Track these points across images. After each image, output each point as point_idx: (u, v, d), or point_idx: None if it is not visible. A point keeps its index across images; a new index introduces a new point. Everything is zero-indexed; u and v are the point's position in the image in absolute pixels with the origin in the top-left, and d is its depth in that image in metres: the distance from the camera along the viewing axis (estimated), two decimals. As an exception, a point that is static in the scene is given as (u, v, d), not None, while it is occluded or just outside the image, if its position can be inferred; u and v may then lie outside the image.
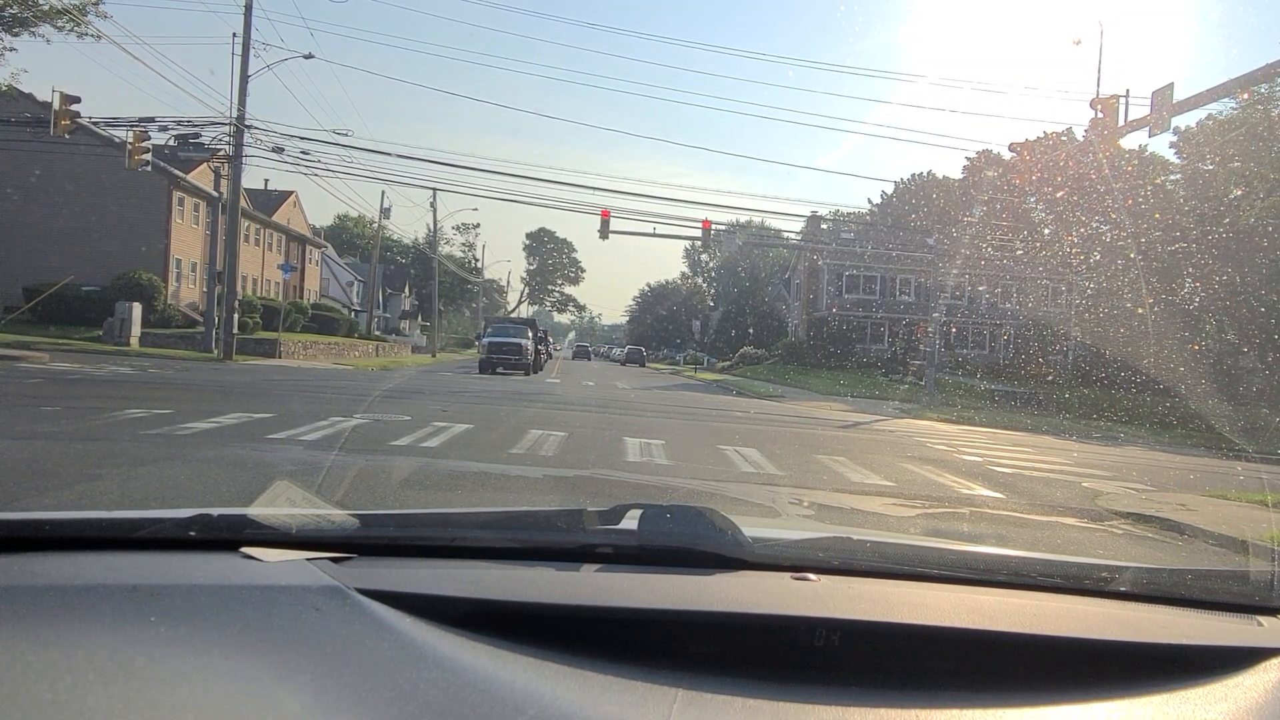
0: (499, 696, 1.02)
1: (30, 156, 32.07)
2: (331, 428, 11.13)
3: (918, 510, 8.47)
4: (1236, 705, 1.20)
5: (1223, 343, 39.53)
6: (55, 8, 28.84)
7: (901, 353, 47.42)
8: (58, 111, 23.12)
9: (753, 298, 71.85)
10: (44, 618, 1.12)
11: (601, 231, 29.50)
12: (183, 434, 9.53)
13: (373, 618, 1.19)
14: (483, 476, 8.16)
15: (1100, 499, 10.55)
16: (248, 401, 13.98)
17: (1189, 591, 1.62)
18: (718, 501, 7.38)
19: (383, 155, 57.73)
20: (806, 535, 1.87)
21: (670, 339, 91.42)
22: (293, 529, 1.50)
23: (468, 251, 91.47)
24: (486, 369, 33.09)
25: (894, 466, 12.07)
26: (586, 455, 10.60)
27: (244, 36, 28.11)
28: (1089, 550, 7.27)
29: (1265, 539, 8.27)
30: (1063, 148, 42.23)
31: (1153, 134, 16.58)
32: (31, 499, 5.90)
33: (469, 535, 1.59)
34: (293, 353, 33.32)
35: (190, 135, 27.68)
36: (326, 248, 67.81)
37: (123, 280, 33.76)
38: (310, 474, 7.51)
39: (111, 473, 6.92)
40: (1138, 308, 37.32)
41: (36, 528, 1.45)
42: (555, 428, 13.04)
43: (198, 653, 1.05)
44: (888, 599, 1.41)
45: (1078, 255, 47.50)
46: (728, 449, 12.23)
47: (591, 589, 1.38)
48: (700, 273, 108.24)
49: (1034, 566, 1.70)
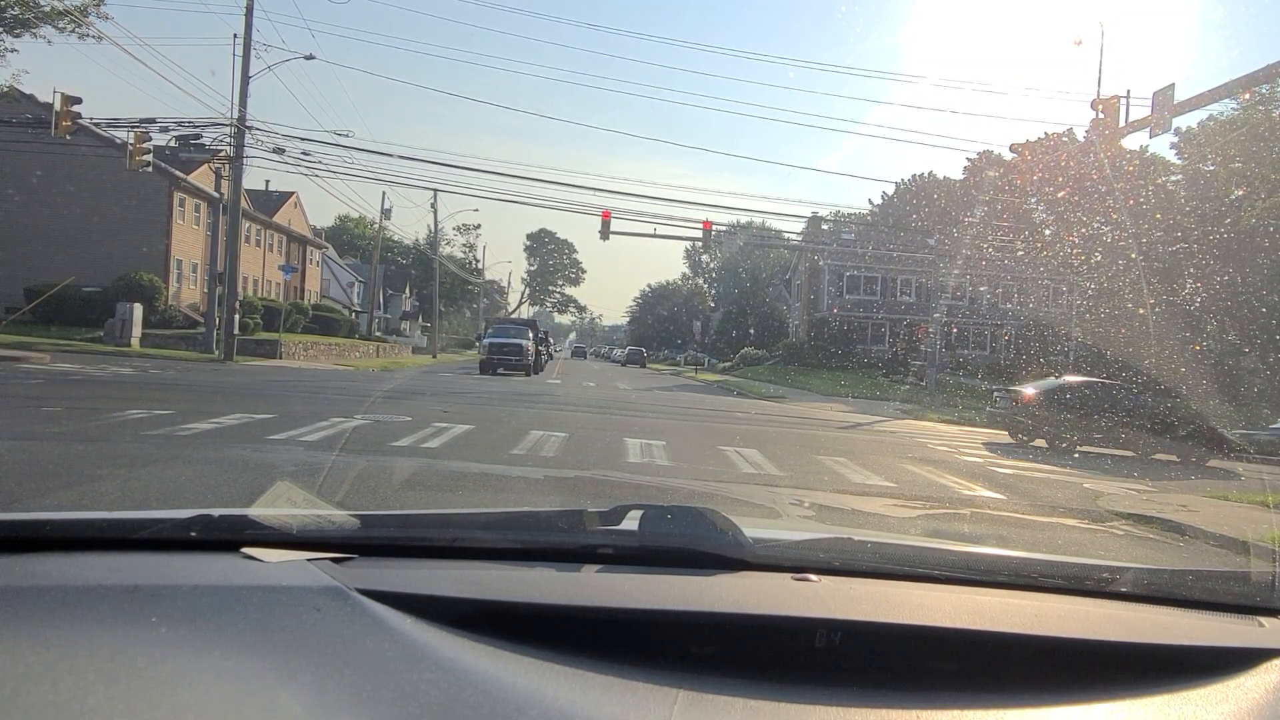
0: (500, 697, 1.02)
1: (31, 157, 32.08)
2: (332, 428, 11.14)
3: (919, 511, 8.47)
4: (1238, 706, 1.20)
5: (1224, 343, 39.52)
6: (56, 9, 28.89)
7: (902, 353, 47.39)
8: (59, 112, 23.15)
9: (753, 298, 71.81)
10: (45, 618, 1.12)
11: (602, 232, 29.52)
12: (184, 435, 9.54)
13: (374, 618, 1.19)
14: (483, 477, 8.16)
15: (1101, 500, 10.55)
16: (249, 402, 13.99)
17: (1190, 592, 1.62)
18: (718, 502, 7.38)
19: (383, 156, 58.00)
20: (807, 536, 1.87)
21: (671, 340, 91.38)
22: (294, 529, 1.50)
23: (468, 252, 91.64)
24: (487, 370, 33.09)
25: (895, 467, 12.06)
26: (587, 456, 10.60)
27: (245, 37, 28.16)
28: (1090, 551, 7.27)
29: (1266, 540, 8.27)
30: (1064, 148, 42.18)
31: (1154, 134, 16.60)
32: (33, 499, 5.91)
33: (470, 536, 1.59)
34: (293, 353, 33.34)
35: (191, 136, 27.69)
36: (327, 248, 67.83)
37: (124, 281, 33.78)
38: (311, 475, 7.51)
39: (113, 473, 6.92)
40: (1139, 308, 37.28)
41: (38, 528, 1.46)
42: (556, 429, 13.04)
43: (199, 653, 1.05)
44: (889, 600, 1.41)
45: (1079, 256, 47.46)
46: (728, 450, 12.23)
47: (592, 590, 1.38)
48: (701, 273, 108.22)
49: (1035, 567, 1.70)
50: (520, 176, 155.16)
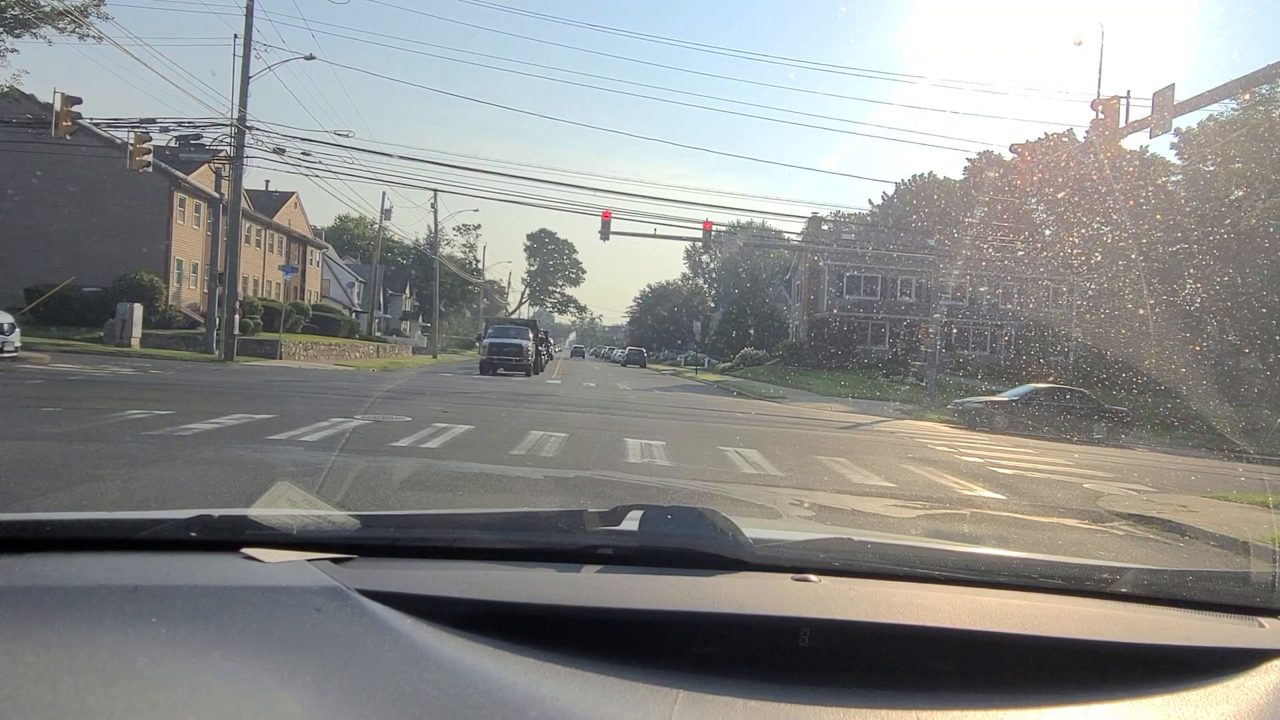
0: (500, 697, 1.02)
1: (32, 158, 32.07)
2: (332, 429, 11.14)
3: (919, 512, 8.47)
4: (1238, 707, 1.20)
5: (1224, 344, 39.51)
6: (57, 9, 28.88)
7: (902, 354, 47.38)
8: (59, 113, 23.15)
9: (753, 299, 71.80)
10: (45, 619, 1.12)
11: (603, 232, 29.51)
12: (184, 435, 9.54)
13: (374, 619, 1.19)
14: (483, 478, 8.16)
15: (1101, 500, 10.55)
16: (248, 402, 13.99)
17: (1190, 593, 1.62)
18: (718, 503, 7.38)
19: (384, 156, 57.96)
20: (807, 536, 1.87)
21: (671, 340, 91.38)
22: (293, 530, 1.50)
23: (468, 252, 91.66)
24: (487, 370, 33.10)
25: (895, 468, 12.06)
26: (587, 456, 10.60)
27: (245, 38, 28.16)
28: (1090, 552, 7.27)
29: (1266, 540, 8.28)
30: (1064, 149, 42.19)
31: (1154, 135, 16.58)
32: (33, 500, 5.91)
33: (470, 536, 1.59)
34: (293, 354, 33.34)
35: (191, 136, 27.70)
36: (327, 249, 67.83)
37: (124, 281, 33.79)
38: (311, 475, 7.51)
39: (113, 474, 6.92)
40: (1139, 309, 37.29)
41: (38, 528, 1.46)
42: (556, 429, 13.04)
43: (199, 654, 1.05)
44: (889, 600, 1.41)
45: (1079, 256, 47.46)
46: (728, 450, 12.23)
47: (592, 590, 1.38)
48: (701, 274, 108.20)
49: (1035, 568, 1.70)
50: (520, 177, 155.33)
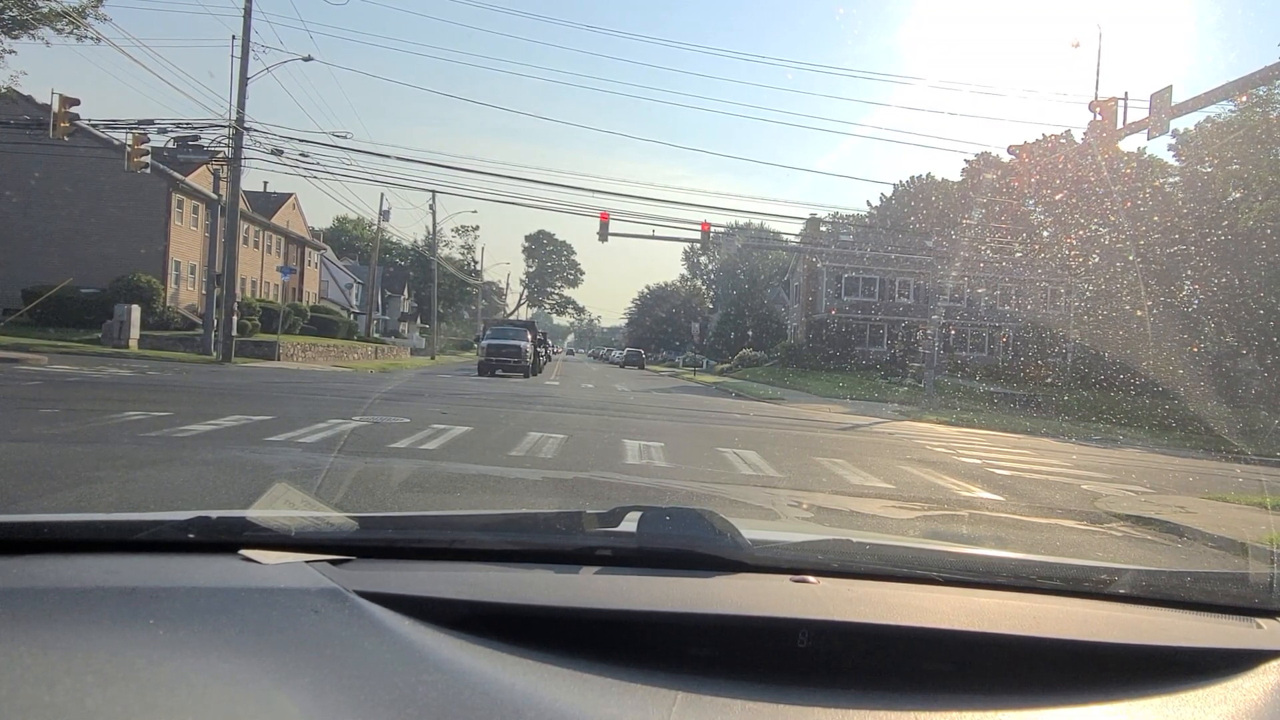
0: (498, 699, 1.02)
1: (30, 159, 32.07)
2: (330, 430, 11.13)
3: (917, 513, 8.47)
4: (1236, 707, 1.20)
5: (1221, 345, 39.56)
6: (55, 10, 28.91)
7: (900, 355, 47.40)
8: (57, 114, 23.14)
9: (752, 300, 71.85)
10: (42, 620, 1.12)
11: (601, 234, 29.51)
12: (181, 436, 9.53)
13: (371, 620, 1.19)
14: (482, 479, 8.15)
15: (1099, 501, 10.55)
16: (246, 404, 13.98)
17: (1188, 594, 1.62)
18: (717, 504, 7.38)
19: (382, 158, 57.82)
20: (806, 538, 1.87)
21: (669, 341, 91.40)
22: (291, 531, 1.50)
23: (467, 254, 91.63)
24: (486, 371, 33.08)
25: (893, 469, 12.06)
26: (586, 457, 10.59)
27: (243, 39, 28.15)
28: (1088, 552, 7.27)
29: (1264, 541, 8.28)
30: (1061, 150, 42.20)
31: (1151, 136, 16.62)
32: (30, 501, 5.90)
33: (468, 538, 1.59)
34: (292, 355, 33.32)
35: (189, 137, 27.70)
36: (325, 250, 67.78)
37: (122, 282, 33.75)
38: (309, 476, 7.50)
39: (110, 475, 6.91)
40: (1137, 310, 37.32)
41: (35, 530, 1.45)
42: (554, 430, 13.03)
43: (196, 655, 1.05)
44: (887, 601, 1.41)
45: (1076, 257, 47.51)
46: (727, 451, 12.23)
47: (591, 591, 1.38)
48: (699, 275, 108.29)
49: (1033, 569, 1.70)
50: (519, 178, 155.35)
